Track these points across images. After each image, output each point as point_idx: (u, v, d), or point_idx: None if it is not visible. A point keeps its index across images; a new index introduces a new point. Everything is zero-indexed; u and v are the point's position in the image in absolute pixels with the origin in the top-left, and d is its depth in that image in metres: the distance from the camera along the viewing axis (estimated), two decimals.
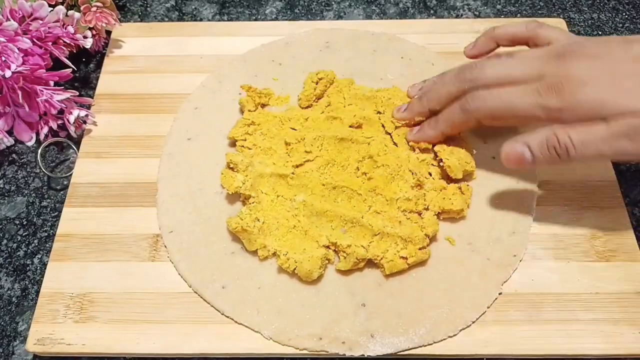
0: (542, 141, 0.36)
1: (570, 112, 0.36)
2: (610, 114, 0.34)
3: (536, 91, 0.37)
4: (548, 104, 0.36)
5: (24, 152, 0.50)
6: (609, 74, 0.35)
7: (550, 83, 0.36)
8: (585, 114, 0.35)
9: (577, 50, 0.37)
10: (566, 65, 0.36)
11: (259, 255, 0.41)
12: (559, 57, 0.37)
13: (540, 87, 0.37)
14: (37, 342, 0.39)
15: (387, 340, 0.38)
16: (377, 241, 0.41)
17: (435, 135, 0.43)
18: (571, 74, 0.36)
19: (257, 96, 0.49)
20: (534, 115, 0.37)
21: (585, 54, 0.36)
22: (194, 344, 0.39)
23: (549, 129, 0.36)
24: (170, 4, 0.61)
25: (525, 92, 0.37)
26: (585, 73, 0.35)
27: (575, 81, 0.35)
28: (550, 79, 0.36)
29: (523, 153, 0.37)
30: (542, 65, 0.37)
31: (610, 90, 0.34)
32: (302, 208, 0.42)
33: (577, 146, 0.35)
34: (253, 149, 0.46)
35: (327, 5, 0.60)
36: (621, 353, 0.38)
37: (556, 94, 0.36)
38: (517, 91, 0.38)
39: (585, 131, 0.35)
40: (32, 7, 0.47)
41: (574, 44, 0.38)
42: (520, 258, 0.42)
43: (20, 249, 0.45)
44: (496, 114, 0.39)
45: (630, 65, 0.35)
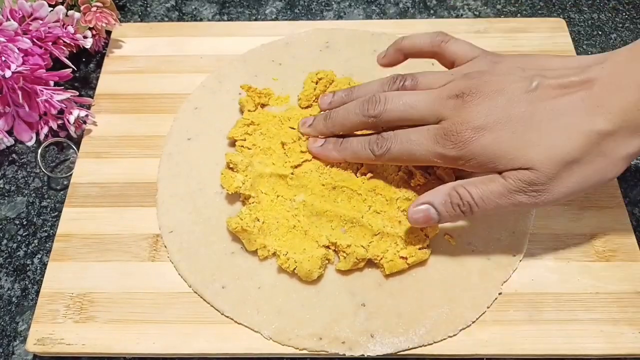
0: (446, 200, 0.36)
1: (467, 161, 0.35)
2: (505, 168, 0.34)
3: (434, 138, 0.36)
4: (445, 153, 0.36)
5: (24, 152, 0.50)
6: (503, 122, 0.34)
7: (447, 130, 0.35)
8: (481, 165, 0.35)
9: (475, 89, 0.35)
10: (463, 109, 0.35)
11: (259, 255, 0.41)
12: (457, 98, 0.36)
13: (438, 134, 0.36)
14: (37, 342, 0.39)
15: (387, 340, 0.38)
16: (377, 241, 0.41)
17: (338, 159, 0.42)
18: (467, 120, 0.35)
19: (257, 96, 0.49)
20: (433, 162, 0.37)
21: (482, 94, 0.35)
22: (193, 344, 0.39)
23: (450, 187, 0.36)
24: (170, 4, 0.61)
25: (425, 138, 0.37)
26: (482, 120, 0.34)
27: (470, 129, 0.35)
28: (448, 125, 0.36)
29: (429, 213, 0.37)
30: (440, 106, 0.36)
31: (504, 142, 0.34)
32: (302, 208, 0.42)
33: (478, 203, 0.35)
34: (253, 149, 0.46)
35: (327, 5, 0.60)
36: (621, 353, 0.38)
37: (452, 143, 0.35)
38: (417, 137, 0.37)
39: (483, 187, 0.35)
40: (32, 7, 0.47)
41: (474, 78, 0.36)
42: (520, 258, 0.42)
43: (20, 249, 0.45)
44: (399, 159, 0.39)
45: (525, 107, 0.34)
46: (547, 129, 0.33)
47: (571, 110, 0.33)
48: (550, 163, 0.33)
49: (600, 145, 0.33)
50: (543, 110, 0.34)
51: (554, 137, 0.33)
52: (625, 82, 0.32)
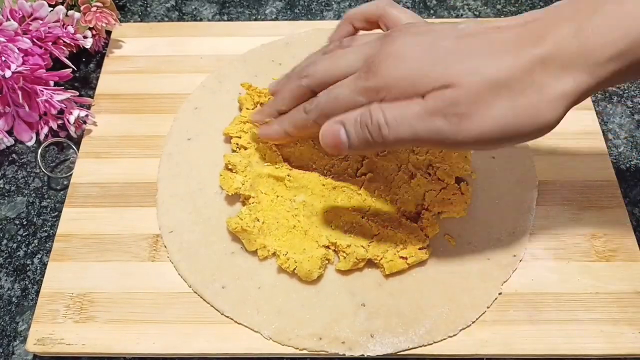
0: (357, 118, 0.33)
1: (387, 90, 0.32)
2: (426, 89, 0.31)
3: (358, 76, 0.34)
4: (367, 85, 0.33)
5: (24, 152, 0.50)
6: (428, 49, 0.31)
7: (370, 63, 0.33)
8: (402, 91, 0.32)
9: (403, 29, 0.34)
10: (388, 44, 0.33)
11: (259, 255, 0.41)
12: (385, 37, 0.34)
13: (361, 71, 0.34)
14: (37, 342, 0.39)
15: (387, 340, 0.38)
16: (376, 241, 0.41)
17: (279, 131, 0.40)
18: (392, 51, 0.32)
19: (257, 95, 0.49)
20: (357, 101, 0.34)
21: (410, 32, 0.33)
22: (193, 344, 0.39)
23: (365, 107, 0.33)
24: (170, 4, 0.61)
25: (350, 80, 0.34)
26: (405, 49, 0.32)
27: (393, 57, 0.32)
28: (371, 59, 0.33)
29: (339, 132, 0.34)
30: (369, 49, 0.34)
31: (428, 64, 0.31)
32: (302, 208, 0.42)
33: (390, 124, 0.31)
34: (249, 148, 0.46)
35: (327, 5, 0.60)
36: (621, 353, 0.38)
37: (373, 73, 0.33)
38: (344, 82, 0.35)
39: (400, 108, 0.31)
40: (32, 7, 0.47)
41: (407, 24, 0.35)
42: (520, 258, 0.42)
43: (20, 249, 0.45)
44: (327, 110, 0.36)
45: (452, 41, 0.31)
46: (474, 53, 0.31)
47: (503, 40, 0.30)
48: (473, 79, 0.30)
49: (533, 73, 0.29)
50: (472, 41, 0.31)
51: (481, 58, 0.30)
52: (562, 16, 0.30)
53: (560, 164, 0.46)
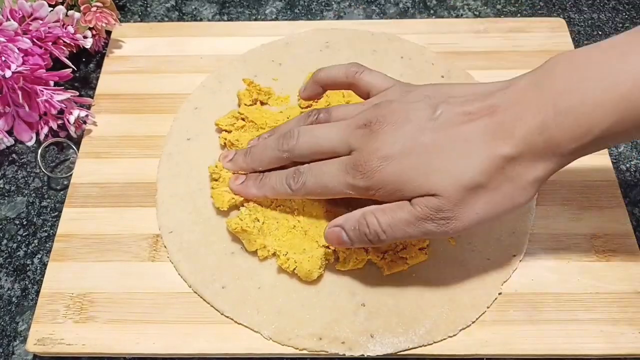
0: (355, 226, 0.36)
1: (377, 191, 0.35)
2: (411, 195, 0.34)
3: (345, 170, 0.36)
4: (355, 184, 0.35)
5: (24, 152, 0.50)
6: (410, 150, 0.34)
7: (357, 161, 0.35)
8: (390, 193, 0.34)
9: (382, 119, 0.35)
10: (371, 138, 0.35)
11: (259, 255, 0.41)
12: (365, 127, 0.36)
13: (348, 165, 0.36)
14: (37, 342, 0.39)
15: (387, 340, 0.38)
16: None
17: (258, 195, 0.42)
18: (375, 149, 0.34)
19: (257, 92, 0.49)
20: (346, 193, 0.37)
21: (389, 123, 0.35)
22: (193, 344, 0.39)
23: (361, 213, 0.36)
24: (170, 4, 0.61)
25: (337, 170, 0.36)
26: (388, 149, 0.34)
27: (378, 158, 0.34)
28: (357, 155, 0.35)
29: (341, 236, 0.37)
30: (350, 136, 0.36)
31: (410, 169, 0.34)
32: (302, 208, 0.42)
33: (386, 231, 0.34)
34: (236, 145, 0.46)
35: (327, 5, 0.60)
36: (621, 353, 0.38)
37: (361, 173, 0.35)
38: (330, 169, 0.37)
39: (392, 214, 0.34)
40: (32, 7, 0.47)
41: (383, 108, 0.36)
42: (520, 258, 0.42)
43: (20, 249, 0.45)
44: (315, 193, 0.38)
45: (429, 135, 0.34)
46: (450, 155, 0.33)
47: (474, 136, 0.33)
48: (453, 188, 0.33)
49: (505, 169, 0.32)
50: (447, 137, 0.33)
51: (458, 163, 0.33)
52: (526, 107, 0.32)
53: None
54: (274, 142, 0.40)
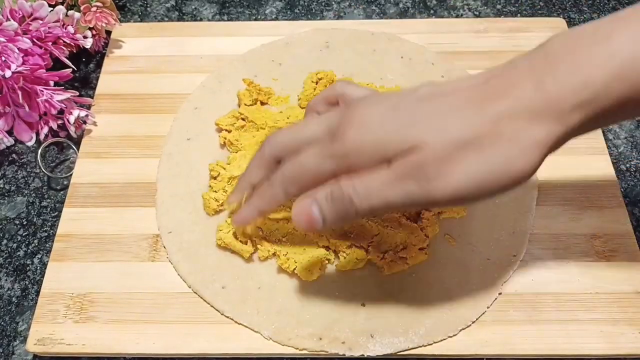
0: (327, 194, 0.32)
1: (355, 157, 0.32)
2: (392, 154, 0.30)
3: (322, 144, 0.33)
4: (333, 152, 0.32)
5: (24, 152, 0.50)
6: (390, 113, 0.31)
7: (335, 131, 0.33)
8: (369, 157, 0.31)
9: (365, 98, 0.34)
10: (350, 110, 0.33)
11: (259, 256, 0.41)
12: (347, 107, 0.34)
13: (327, 138, 0.33)
14: (37, 342, 0.39)
15: (387, 340, 0.38)
16: (377, 241, 0.41)
17: (251, 213, 0.38)
18: (353, 116, 0.32)
19: (256, 92, 0.49)
20: (325, 169, 0.33)
21: (372, 100, 0.33)
22: (194, 344, 0.39)
23: (335, 181, 0.32)
24: (170, 4, 0.61)
25: (315, 148, 0.34)
26: (368, 114, 0.32)
27: (356, 123, 0.32)
28: (335, 128, 0.33)
29: (311, 209, 0.32)
30: (330, 120, 0.34)
31: (390, 127, 0.31)
32: None
33: (361, 195, 0.31)
34: (235, 145, 0.46)
35: (327, 5, 0.60)
36: (621, 353, 0.38)
37: (339, 140, 0.32)
38: (307, 150, 0.34)
39: (368, 177, 0.31)
40: (32, 7, 0.47)
41: (368, 95, 0.35)
42: (520, 258, 0.42)
43: (20, 249, 0.45)
44: (294, 180, 0.35)
45: (413, 103, 0.31)
46: (435, 112, 0.30)
47: (465, 100, 0.30)
48: (439, 139, 0.29)
49: (500, 125, 0.29)
50: (433, 103, 0.31)
51: (444, 117, 0.30)
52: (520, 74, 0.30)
53: (560, 164, 0.46)
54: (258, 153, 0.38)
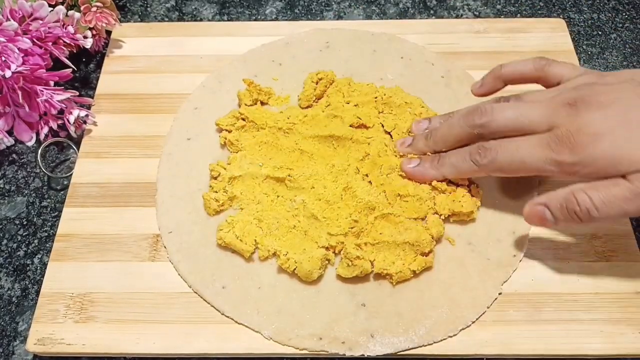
0: (562, 204, 0.35)
1: (584, 167, 0.34)
2: (627, 170, 0.33)
3: (547, 145, 0.35)
4: (560, 160, 0.35)
5: (24, 152, 0.50)
6: (623, 125, 0.33)
7: (562, 136, 0.34)
8: (601, 169, 0.34)
9: (588, 98, 0.35)
10: (578, 116, 0.34)
11: (259, 256, 0.41)
12: (570, 106, 0.35)
13: (551, 141, 0.35)
14: (37, 342, 0.39)
15: (387, 340, 0.38)
16: (384, 252, 0.41)
17: (436, 176, 0.42)
18: (583, 126, 0.34)
19: (257, 92, 0.49)
20: (546, 170, 0.36)
21: (597, 102, 0.34)
22: (194, 344, 0.39)
23: (568, 190, 0.35)
24: (170, 4, 0.61)
25: (536, 146, 0.36)
26: (599, 125, 0.33)
27: (588, 134, 0.34)
28: (562, 131, 0.35)
29: (544, 214, 0.36)
30: (553, 114, 0.36)
31: (626, 143, 0.33)
32: (302, 208, 0.42)
33: (599, 207, 0.33)
34: (235, 145, 0.46)
35: (327, 5, 0.60)
36: (621, 353, 0.38)
37: (568, 148, 0.34)
38: (528, 145, 0.36)
39: (606, 191, 0.33)
40: (32, 7, 0.47)
41: (586, 89, 0.36)
42: (520, 258, 0.42)
43: (21, 249, 0.45)
44: (507, 169, 0.38)
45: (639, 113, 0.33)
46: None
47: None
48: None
49: None
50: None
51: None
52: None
53: None
54: (462, 119, 0.40)
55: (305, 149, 0.45)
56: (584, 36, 0.57)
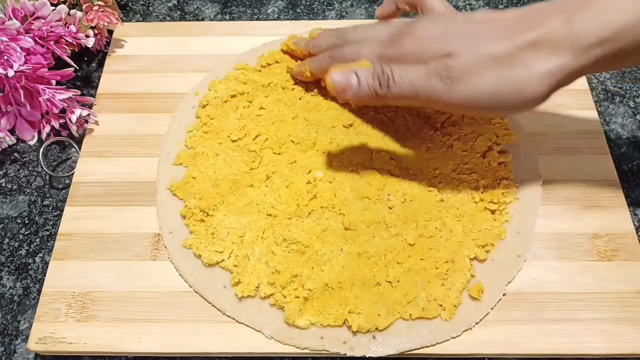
0: (369, 70, 0.39)
1: (399, 59, 0.39)
2: (429, 57, 0.37)
3: (381, 44, 0.41)
4: (385, 53, 0.40)
5: (26, 151, 0.50)
6: (440, 31, 0.38)
7: (393, 38, 0.40)
8: (411, 60, 0.38)
9: (429, 16, 0.42)
10: (412, 25, 0.40)
11: (240, 292, 0.40)
12: (410, 21, 0.41)
13: (384, 42, 0.41)
14: (39, 340, 0.39)
15: (390, 341, 0.38)
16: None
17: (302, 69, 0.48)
18: (411, 31, 0.39)
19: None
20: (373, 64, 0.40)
21: (432, 18, 0.41)
22: (195, 343, 0.39)
23: (377, 63, 0.39)
24: (172, 4, 0.61)
25: (374, 45, 0.42)
26: (425, 29, 0.38)
27: (411, 35, 0.39)
28: (395, 35, 0.40)
29: (350, 76, 0.39)
30: (396, 28, 0.41)
31: (435, 40, 0.37)
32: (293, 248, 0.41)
33: (396, 80, 0.37)
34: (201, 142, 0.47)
35: (329, 4, 0.60)
36: (623, 353, 0.38)
37: (393, 45, 0.40)
38: (367, 44, 0.42)
39: (407, 68, 0.37)
40: (35, 6, 0.47)
41: (437, 12, 0.42)
42: (524, 258, 0.42)
43: (22, 248, 0.45)
44: (348, 59, 0.42)
45: (462, 25, 0.37)
46: (476, 34, 0.36)
47: (503, 26, 0.36)
48: (468, 50, 0.35)
49: (523, 52, 0.34)
50: (477, 27, 0.37)
51: (480, 36, 0.36)
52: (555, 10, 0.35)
53: (562, 164, 0.46)
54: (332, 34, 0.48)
55: None
56: None
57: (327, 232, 0.41)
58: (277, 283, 0.39)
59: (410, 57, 0.38)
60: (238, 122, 0.47)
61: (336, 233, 0.41)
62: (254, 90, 0.49)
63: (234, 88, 0.49)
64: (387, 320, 0.38)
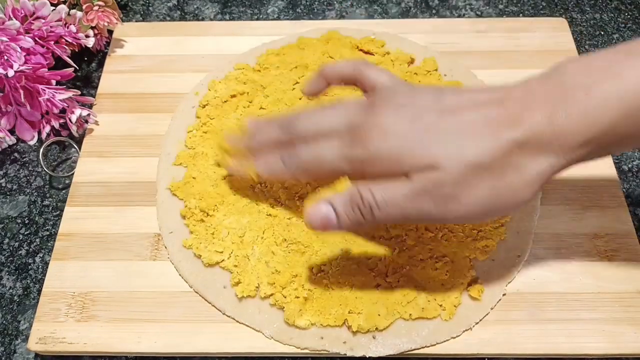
0: (346, 200, 0.33)
1: (371, 163, 0.33)
2: (410, 168, 0.32)
3: (343, 142, 0.35)
4: (351, 155, 0.34)
5: (25, 151, 0.50)
6: (411, 125, 0.32)
7: (356, 134, 0.34)
8: (387, 167, 0.33)
9: (387, 99, 0.35)
10: (374, 114, 0.34)
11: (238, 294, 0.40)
12: (368, 107, 0.35)
13: (347, 137, 0.34)
14: (39, 341, 0.39)
15: (389, 341, 0.38)
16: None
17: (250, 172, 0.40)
18: (376, 123, 0.33)
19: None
20: (339, 168, 0.35)
21: (394, 103, 0.34)
22: (195, 343, 0.39)
23: (353, 187, 0.33)
24: (172, 4, 0.61)
25: (334, 145, 0.35)
26: (390, 122, 0.33)
27: (377, 130, 0.33)
28: (358, 129, 0.34)
29: (327, 214, 0.34)
30: (353, 117, 0.35)
31: (411, 141, 0.32)
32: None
33: (380, 205, 0.32)
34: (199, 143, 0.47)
35: (329, 4, 0.60)
36: (623, 353, 0.38)
37: (360, 144, 0.33)
38: (329, 144, 0.35)
39: (388, 188, 0.32)
40: (35, 6, 0.47)
41: (388, 91, 0.36)
42: (524, 258, 0.42)
43: (22, 248, 0.45)
44: (308, 167, 0.37)
45: (434, 117, 0.33)
46: (455, 134, 0.32)
47: (482, 121, 0.32)
48: (456, 162, 0.31)
49: (511, 155, 0.31)
50: (453, 119, 0.32)
51: (463, 140, 0.31)
52: (536, 100, 0.31)
53: None
54: (276, 126, 0.39)
55: None
56: (586, 36, 0.57)
57: None
58: (277, 283, 0.39)
59: (385, 162, 0.33)
60: (238, 122, 0.47)
61: (336, 233, 0.41)
62: (253, 90, 0.49)
63: (233, 88, 0.49)
64: (387, 321, 0.38)
